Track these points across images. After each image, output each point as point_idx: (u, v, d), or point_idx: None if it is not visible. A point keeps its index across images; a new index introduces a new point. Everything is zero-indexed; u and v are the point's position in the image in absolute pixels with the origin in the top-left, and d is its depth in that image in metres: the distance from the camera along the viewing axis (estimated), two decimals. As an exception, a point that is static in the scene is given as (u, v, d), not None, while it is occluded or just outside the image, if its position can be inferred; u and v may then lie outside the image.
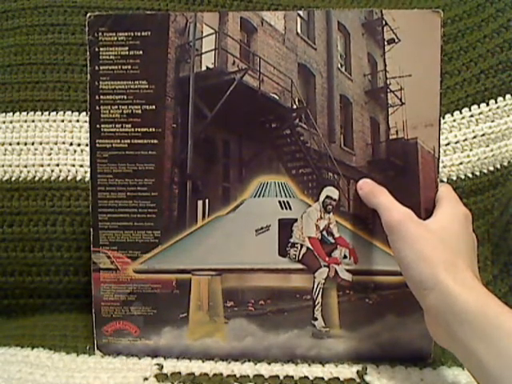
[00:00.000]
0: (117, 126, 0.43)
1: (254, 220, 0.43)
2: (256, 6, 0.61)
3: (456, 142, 0.54)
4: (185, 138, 0.43)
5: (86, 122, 0.57)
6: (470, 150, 0.54)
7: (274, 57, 0.42)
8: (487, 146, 0.54)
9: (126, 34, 0.42)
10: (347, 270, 0.42)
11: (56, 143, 0.56)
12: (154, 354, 0.44)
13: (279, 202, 0.43)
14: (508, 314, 0.31)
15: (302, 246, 0.42)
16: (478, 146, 0.54)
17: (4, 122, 0.57)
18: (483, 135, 0.54)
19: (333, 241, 0.42)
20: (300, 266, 0.43)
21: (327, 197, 0.42)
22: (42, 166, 0.56)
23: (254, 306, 0.43)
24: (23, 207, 0.54)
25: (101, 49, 0.42)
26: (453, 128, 0.54)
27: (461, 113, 0.54)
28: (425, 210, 0.40)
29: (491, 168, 0.54)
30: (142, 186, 0.43)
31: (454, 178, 0.54)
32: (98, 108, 0.42)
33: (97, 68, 0.42)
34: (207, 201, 0.43)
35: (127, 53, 0.42)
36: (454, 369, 0.41)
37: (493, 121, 0.54)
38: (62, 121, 0.57)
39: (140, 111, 0.42)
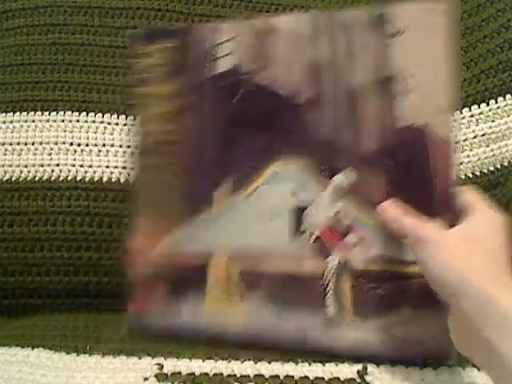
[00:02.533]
0: (149, 124, 0.48)
1: (267, 206, 0.44)
2: (256, 6, 0.61)
3: (456, 142, 0.54)
4: (205, 133, 0.47)
5: (86, 122, 0.57)
6: (470, 150, 0.54)
7: (283, 56, 0.45)
8: (487, 146, 0.54)
9: (157, 46, 0.48)
10: (359, 258, 0.42)
11: (56, 143, 0.56)
12: (173, 332, 0.45)
13: (291, 188, 0.44)
14: None
15: (313, 232, 0.43)
16: (478, 146, 0.54)
17: (4, 122, 0.57)
18: (483, 135, 0.54)
19: (344, 227, 0.42)
20: (312, 252, 0.43)
21: (338, 184, 0.42)
22: (41, 166, 0.56)
23: (268, 290, 0.44)
24: (23, 207, 0.54)
25: (136, 60, 0.49)
26: (453, 128, 0.54)
27: (461, 113, 0.55)
28: (439, 197, 0.39)
29: (491, 168, 0.54)
30: (171, 175, 0.47)
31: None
32: (133, 111, 0.49)
33: (133, 76, 0.49)
34: (226, 186, 0.46)
35: (156, 61, 0.48)
36: (455, 369, 0.41)
37: (493, 121, 0.54)
38: (62, 121, 0.57)
39: (167, 110, 0.47)
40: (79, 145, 0.56)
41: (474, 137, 0.54)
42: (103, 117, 0.57)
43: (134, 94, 0.49)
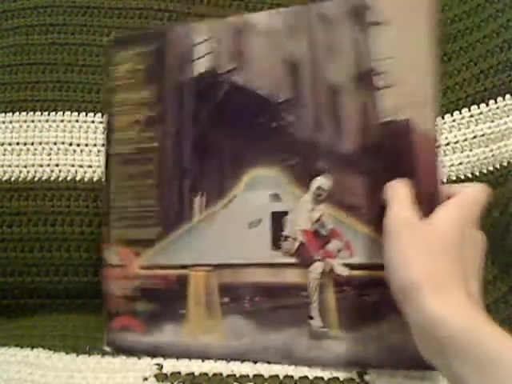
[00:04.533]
0: (124, 133, 0.47)
1: (246, 214, 0.43)
2: (256, 5, 0.61)
3: (456, 142, 0.54)
4: (183, 140, 0.45)
5: (85, 122, 0.57)
6: (470, 150, 0.54)
7: (260, 55, 0.44)
8: (487, 146, 0.54)
9: (133, 51, 0.48)
10: (343, 265, 0.40)
11: (56, 143, 0.56)
12: (155, 352, 0.44)
13: (270, 194, 0.42)
14: (501, 339, 0.29)
15: (294, 239, 0.41)
16: (478, 146, 0.54)
17: (4, 122, 0.57)
18: (483, 135, 0.54)
19: (326, 233, 0.41)
20: (294, 260, 0.41)
21: (318, 187, 0.41)
22: (41, 166, 0.56)
23: (250, 302, 0.42)
24: (23, 207, 0.54)
25: (112, 67, 0.48)
26: (452, 128, 0.54)
27: (460, 113, 0.54)
28: (424, 195, 0.37)
29: (491, 168, 0.53)
30: (146, 186, 0.46)
31: (454, 178, 0.53)
32: (111, 118, 0.48)
33: (110, 84, 0.48)
34: (203, 197, 0.44)
35: (133, 67, 0.47)
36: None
37: (492, 121, 0.54)
38: (62, 121, 0.57)
39: (143, 118, 0.46)
40: (79, 145, 0.56)
41: (474, 137, 0.54)
42: (103, 117, 0.57)
43: (110, 101, 0.48)
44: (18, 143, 0.56)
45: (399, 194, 0.36)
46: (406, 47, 0.39)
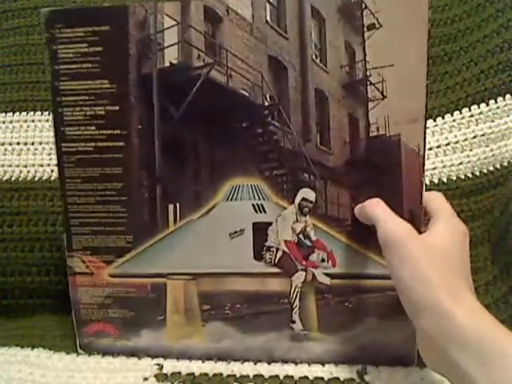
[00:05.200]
0: (81, 128, 0.41)
1: (227, 224, 0.41)
2: None
3: (456, 142, 0.54)
4: (152, 140, 0.41)
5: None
6: (470, 150, 0.54)
7: (242, 49, 0.39)
8: (487, 146, 0.54)
9: (84, 29, 0.40)
10: (325, 274, 0.41)
11: (56, 143, 0.56)
12: (133, 354, 0.44)
13: (253, 205, 0.41)
14: (506, 335, 0.30)
15: (277, 249, 0.41)
16: (478, 146, 0.54)
17: (4, 122, 0.57)
18: (483, 135, 0.54)
19: (310, 244, 0.41)
20: (276, 269, 0.41)
21: (303, 199, 0.40)
22: (41, 166, 0.56)
23: (231, 309, 0.42)
24: (23, 207, 0.54)
25: (59, 46, 0.41)
26: (453, 128, 0.54)
27: (461, 113, 0.54)
28: (409, 212, 0.38)
29: (491, 168, 0.53)
30: (111, 190, 0.42)
31: (454, 178, 0.53)
32: (60, 110, 0.41)
33: (56, 67, 0.41)
34: (178, 205, 0.41)
35: (86, 50, 0.40)
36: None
37: (493, 121, 0.54)
38: (62, 121, 0.57)
39: (103, 112, 0.41)
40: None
41: (474, 137, 0.54)
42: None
43: (57, 88, 0.41)
44: (18, 143, 0.56)
45: (386, 210, 0.37)
46: (404, 57, 0.37)
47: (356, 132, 0.39)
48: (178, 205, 0.41)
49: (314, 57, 0.40)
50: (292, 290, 0.41)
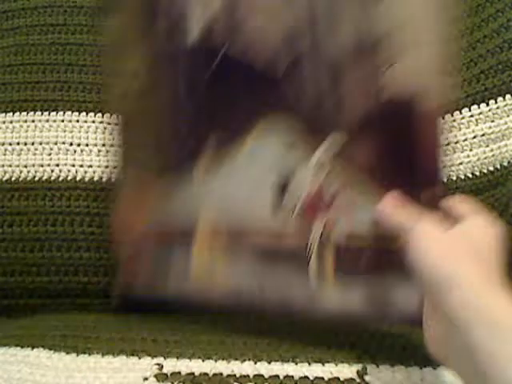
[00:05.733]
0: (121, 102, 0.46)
1: (249, 176, 0.43)
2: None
3: (456, 142, 0.54)
4: (181, 110, 0.44)
5: (85, 122, 0.57)
6: (470, 150, 0.54)
7: (257, 23, 0.41)
8: (487, 146, 0.54)
9: (116, 15, 0.45)
10: (342, 232, 0.41)
11: (56, 143, 0.56)
12: (161, 303, 0.46)
13: (273, 159, 0.42)
14: None
15: (296, 203, 0.42)
16: (478, 146, 0.54)
17: (4, 122, 0.57)
18: (483, 135, 0.54)
19: (328, 199, 0.41)
20: (295, 222, 0.42)
21: (322, 156, 0.41)
22: (41, 166, 0.56)
23: (251, 260, 0.43)
24: (23, 207, 0.54)
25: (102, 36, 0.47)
26: (452, 128, 0.54)
27: (461, 113, 0.54)
28: (425, 173, 0.38)
29: (491, 168, 0.53)
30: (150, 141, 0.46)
31: (454, 178, 0.54)
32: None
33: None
34: (212, 145, 0.43)
35: (120, 33, 0.45)
36: (454, 369, 0.41)
37: (493, 121, 0.54)
38: (62, 121, 0.57)
39: (137, 87, 0.45)
40: (79, 145, 0.56)
41: (474, 137, 0.54)
42: (103, 117, 0.57)
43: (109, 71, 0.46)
44: (18, 143, 0.56)
45: (407, 216, 0.36)
46: (417, 17, 0.36)
47: (371, 95, 0.39)
48: (210, 145, 0.43)
49: (325, 24, 0.40)
50: (309, 244, 0.42)
